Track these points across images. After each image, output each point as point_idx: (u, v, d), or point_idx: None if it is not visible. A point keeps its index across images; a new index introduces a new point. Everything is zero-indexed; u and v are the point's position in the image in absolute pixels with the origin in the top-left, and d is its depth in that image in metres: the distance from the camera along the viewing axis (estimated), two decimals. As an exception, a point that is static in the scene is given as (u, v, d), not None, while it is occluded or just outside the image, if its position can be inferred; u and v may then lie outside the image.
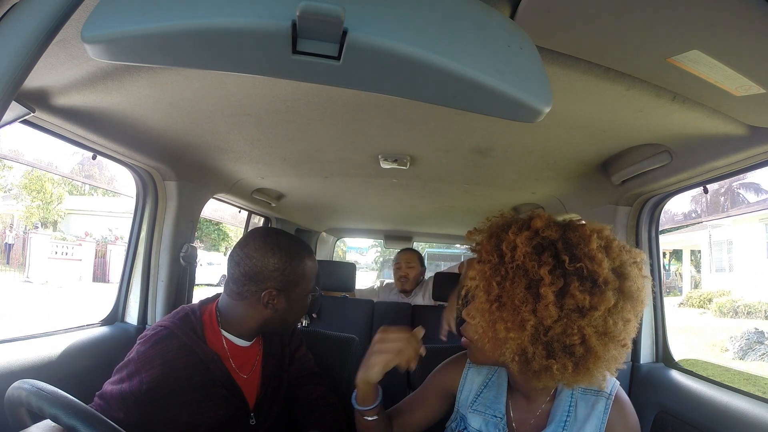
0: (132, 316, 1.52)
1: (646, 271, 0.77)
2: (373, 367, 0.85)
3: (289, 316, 1.06)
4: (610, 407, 0.81)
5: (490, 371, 0.94)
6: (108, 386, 0.94)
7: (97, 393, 0.95)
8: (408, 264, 2.78)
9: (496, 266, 0.73)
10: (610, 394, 0.82)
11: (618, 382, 0.84)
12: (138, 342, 0.99)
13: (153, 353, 0.95)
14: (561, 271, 0.69)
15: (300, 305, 1.06)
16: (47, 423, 0.71)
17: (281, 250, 1.01)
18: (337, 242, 4.36)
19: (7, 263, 13.43)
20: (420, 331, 0.88)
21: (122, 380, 0.93)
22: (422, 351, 0.86)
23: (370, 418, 0.93)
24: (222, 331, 1.03)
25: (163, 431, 0.95)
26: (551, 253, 0.70)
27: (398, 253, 2.91)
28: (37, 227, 14.87)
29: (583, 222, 0.75)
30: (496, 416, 0.88)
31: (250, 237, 1.04)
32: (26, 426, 0.74)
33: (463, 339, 0.86)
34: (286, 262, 1.00)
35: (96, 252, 14.18)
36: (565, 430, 0.81)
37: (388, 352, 0.85)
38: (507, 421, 0.87)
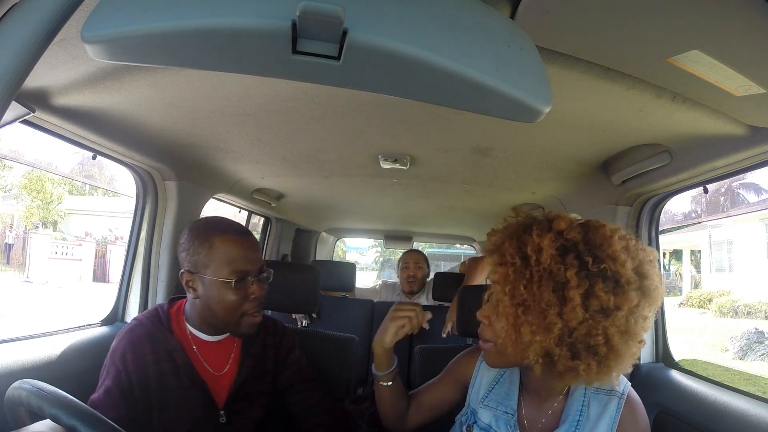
0: (132, 316, 1.52)
1: (659, 268, 0.78)
2: (386, 332, 0.97)
3: (212, 304, 0.98)
4: (622, 407, 0.82)
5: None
6: (94, 396, 0.95)
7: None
8: (417, 264, 2.72)
9: (521, 269, 0.72)
10: (622, 394, 0.83)
11: (629, 383, 0.85)
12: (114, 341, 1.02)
13: (123, 342, 0.99)
14: (585, 272, 0.69)
15: (218, 293, 0.97)
16: (47, 423, 0.71)
17: (189, 231, 1.01)
18: (337, 242, 4.36)
19: (7, 263, 13.43)
20: (427, 315, 1.00)
21: (104, 380, 0.96)
22: (426, 325, 1.01)
23: (385, 383, 1.01)
24: (186, 324, 1.05)
25: (143, 422, 0.95)
26: (575, 255, 0.70)
27: (405, 253, 2.84)
28: (37, 227, 14.87)
29: (603, 223, 0.75)
30: (507, 413, 0.88)
31: None
32: (26, 426, 0.74)
33: (481, 342, 0.86)
34: (191, 241, 0.99)
35: (96, 252, 14.17)
36: (578, 430, 0.81)
37: (400, 318, 0.97)
38: (518, 419, 0.87)
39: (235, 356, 1.07)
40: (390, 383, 1.01)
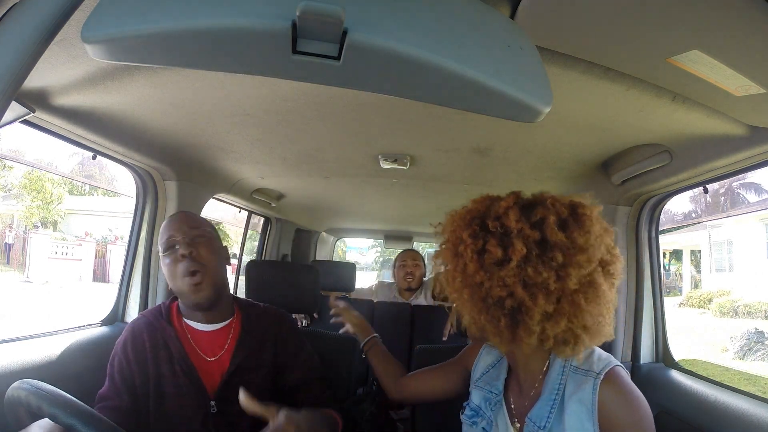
0: (132, 316, 1.52)
1: (594, 224, 0.78)
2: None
3: (168, 281, 1.08)
4: (598, 388, 0.78)
5: (500, 353, 0.98)
6: (102, 389, 1.02)
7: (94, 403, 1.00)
8: (414, 262, 2.76)
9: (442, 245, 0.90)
10: (598, 374, 0.79)
11: (614, 363, 0.80)
12: None
13: (126, 333, 1.07)
14: (484, 233, 0.79)
15: (163, 268, 1.08)
16: (46, 422, 0.71)
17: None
18: (337, 242, 4.36)
19: (7, 263, 13.43)
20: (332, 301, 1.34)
21: (110, 371, 1.04)
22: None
23: (366, 351, 1.23)
24: (183, 317, 1.11)
25: (144, 411, 1.00)
26: (478, 222, 0.81)
27: (402, 252, 2.87)
28: (37, 227, 14.87)
29: (513, 193, 0.84)
30: (492, 392, 0.93)
31: None
32: (26, 426, 0.74)
33: None
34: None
35: (96, 252, 14.17)
36: (554, 408, 0.81)
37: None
38: (505, 400, 0.91)
39: (230, 346, 1.08)
40: (369, 351, 1.22)
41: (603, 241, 0.79)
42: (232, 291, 1.22)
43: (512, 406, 0.90)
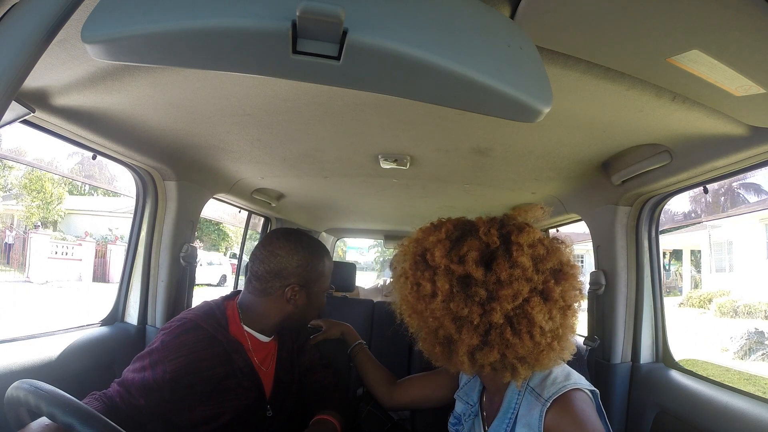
0: (132, 316, 1.52)
1: (525, 254, 0.76)
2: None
3: (308, 311, 1.10)
4: (544, 414, 0.76)
5: None
6: (129, 374, 0.97)
7: (116, 380, 0.97)
8: None
9: None
10: (546, 400, 0.77)
11: (568, 387, 0.78)
12: (162, 332, 1.02)
13: (178, 344, 0.98)
14: (421, 265, 0.82)
15: (318, 301, 1.12)
16: (45, 421, 0.71)
17: (304, 249, 1.07)
18: (337, 242, 4.36)
19: (7, 263, 13.42)
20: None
21: (144, 369, 0.96)
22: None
23: (351, 363, 1.29)
24: (244, 325, 1.07)
25: (180, 419, 0.97)
26: (420, 253, 0.85)
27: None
28: (37, 227, 14.86)
29: (443, 222, 0.88)
30: (468, 403, 0.97)
31: (274, 236, 1.09)
32: (26, 425, 0.74)
33: None
34: (309, 260, 1.06)
35: (96, 252, 14.16)
36: (508, 427, 0.82)
37: None
38: (480, 410, 0.94)
39: (274, 353, 1.13)
40: (356, 357, 1.26)
41: (543, 266, 0.76)
42: (232, 290, 1.24)
43: (484, 414, 0.92)
